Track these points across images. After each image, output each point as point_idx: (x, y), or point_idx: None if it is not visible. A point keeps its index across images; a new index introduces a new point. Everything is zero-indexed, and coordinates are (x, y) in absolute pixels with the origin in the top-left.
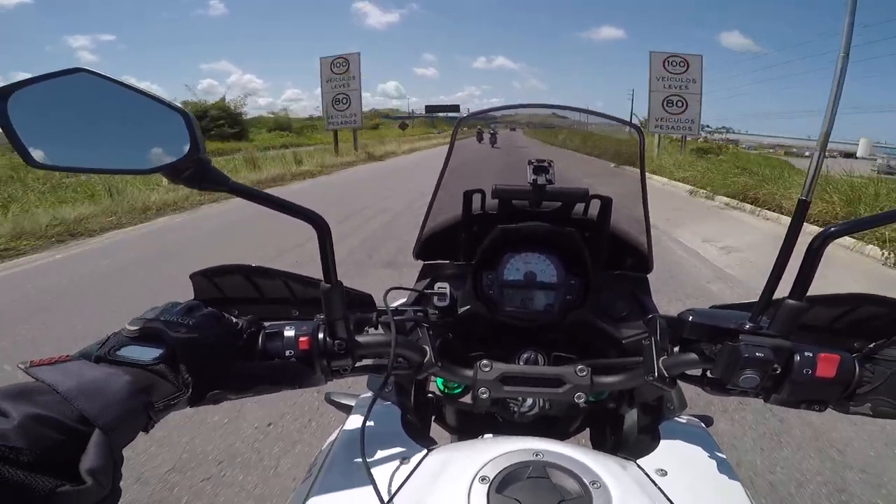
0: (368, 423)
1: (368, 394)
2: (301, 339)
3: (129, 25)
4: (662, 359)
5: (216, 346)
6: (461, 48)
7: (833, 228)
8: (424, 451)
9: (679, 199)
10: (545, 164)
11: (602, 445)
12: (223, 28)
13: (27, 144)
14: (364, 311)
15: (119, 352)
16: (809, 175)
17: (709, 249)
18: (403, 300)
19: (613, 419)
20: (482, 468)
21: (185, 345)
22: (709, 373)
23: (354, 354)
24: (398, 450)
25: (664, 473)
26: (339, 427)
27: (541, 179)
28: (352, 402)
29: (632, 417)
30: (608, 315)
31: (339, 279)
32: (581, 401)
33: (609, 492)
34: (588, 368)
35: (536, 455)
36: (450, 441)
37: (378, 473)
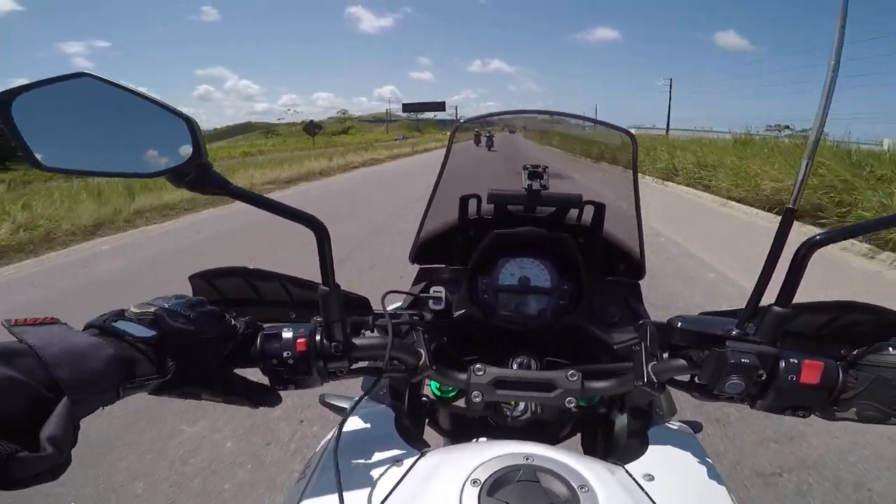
0: (363, 426)
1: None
2: (299, 341)
3: (124, 31)
4: (652, 364)
5: (209, 346)
6: (456, 51)
7: (818, 237)
8: (417, 454)
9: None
10: (539, 170)
11: (592, 450)
12: (218, 33)
13: (32, 147)
14: (361, 314)
15: (115, 323)
16: (797, 183)
17: None
18: (399, 304)
19: (604, 424)
20: (473, 471)
21: (179, 335)
22: (696, 379)
23: (351, 357)
24: (391, 452)
25: (651, 478)
26: (334, 429)
27: (535, 185)
28: (346, 405)
29: (622, 422)
30: (600, 320)
31: (337, 282)
32: (572, 405)
33: (596, 496)
34: (579, 373)
35: (527, 459)
36: (443, 444)
37: (371, 475)
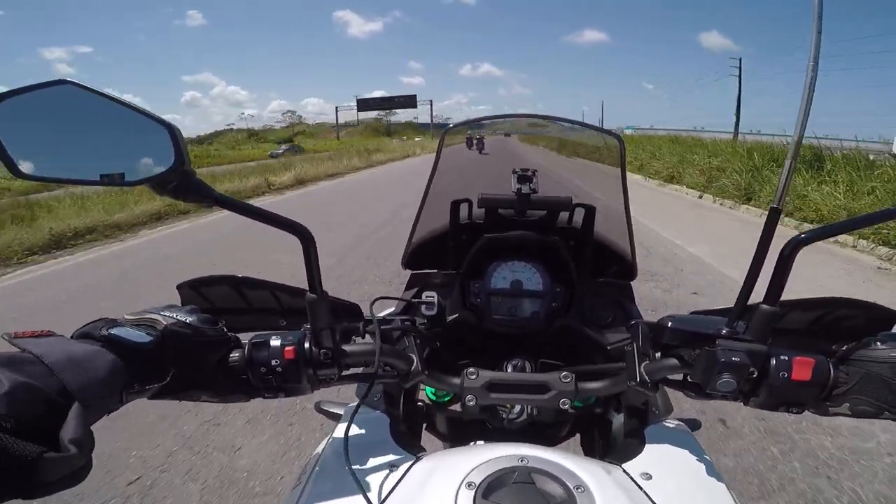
0: (359, 432)
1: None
2: (287, 349)
3: (107, 37)
4: (644, 364)
5: (207, 348)
6: (446, 56)
7: (804, 235)
8: (413, 459)
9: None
10: (529, 174)
11: (591, 450)
12: (204, 39)
13: (13, 155)
14: (351, 321)
15: (112, 331)
16: (781, 183)
17: None
18: (392, 310)
19: (601, 424)
20: (468, 474)
21: (178, 338)
22: (689, 377)
23: (340, 363)
24: (387, 458)
25: (649, 477)
26: (328, 436)
27: (525, 188)
28: (341, 411)
29: (619, 422)
30: (593, 322)
31: (325, 290)
32: (566, 406)
33: (593, 496)
34: (572, 375)
35: (522, 461)
36: (441, 448)
37: (367, 481)
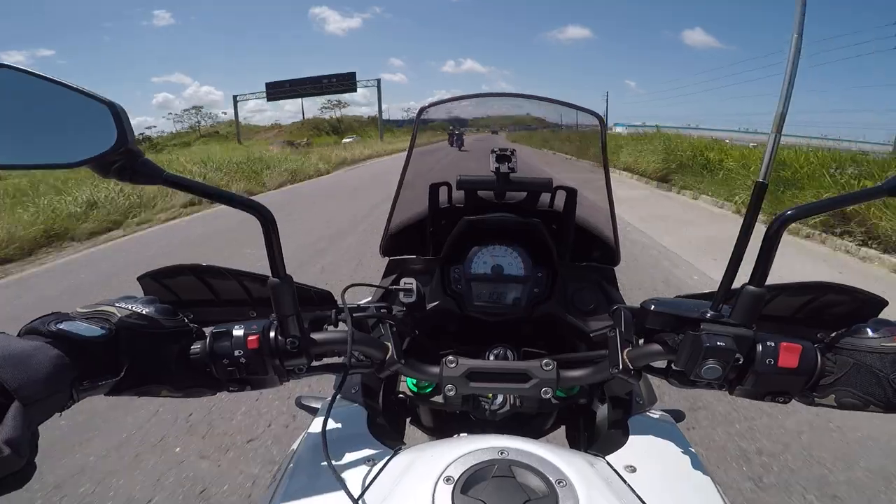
0: (335, 426)
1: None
2: (250, 338)
3: (70, 39)
4: (627, 350)
5: (163, 340)
6: (429, 53)
7: (790, 212)
8: (391, 453)
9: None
10: (507, 153)
11: (576, 442)
12: (174, 39)
13: None
14: (323, 309)
15: (60, 325)
16: (766, 157)
17: None
18: (369, 298)
19: (586, 415)
20: (447, 468)
21: (132, 330)
22: (673, 365)
23: (310, 352)
24: (364, 452)
25: (633, 470)
26: (303, 432)
27: (503, 168)
28: (319, 406)
29: (603, 413)
30: (576, 308)
31: (289, 273)
32: (548, 396)
33: (575, 490)
34: (554, 363)
35: (501, 453)
36: (427, 442)
37: (343, 477)
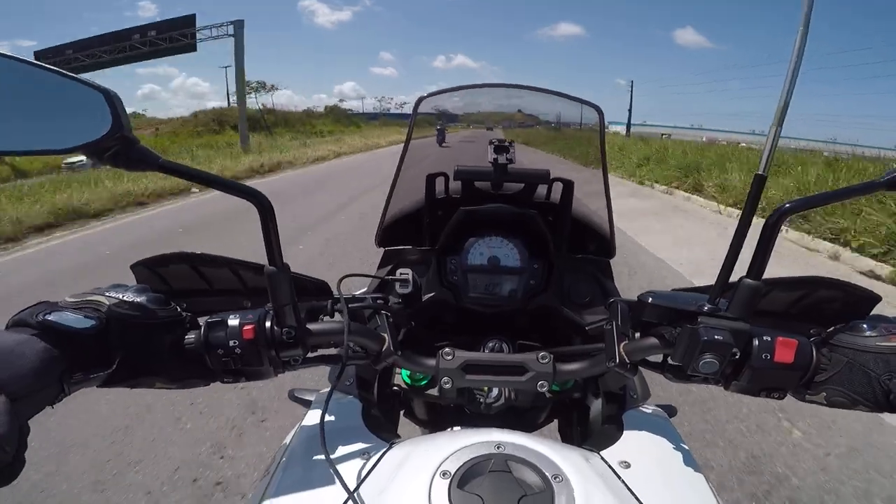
0: (329, 419)
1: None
2: (246, 328)
3: (53, 30)
4: (623, 344)
5: (156, 331)
6: (419, 47)
7: (788, 204)
8: (386, 446)
9: None
10: (506, 144)
11: (569, 436)
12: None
13: None
14: (319, 299)
15: (49, 316)
16: (766, 149)
17: None
18: (364, 289)
19: (580, 409)
20: (443, 462)
21: (123, 321)
22: (669, 359)
23: (306, 343)
24: (359, 445)
25: (627, 465)
26: (297, 424)
27: (501, 159)
28: (313, 398)
29: (597, 408)
30: (572, 300)
31: (286, 262)
32: (544, 389)
33: (571, 486)
34: (550, 356)
35: (498, 448)
36: (420, 435)
37: (337, 470)
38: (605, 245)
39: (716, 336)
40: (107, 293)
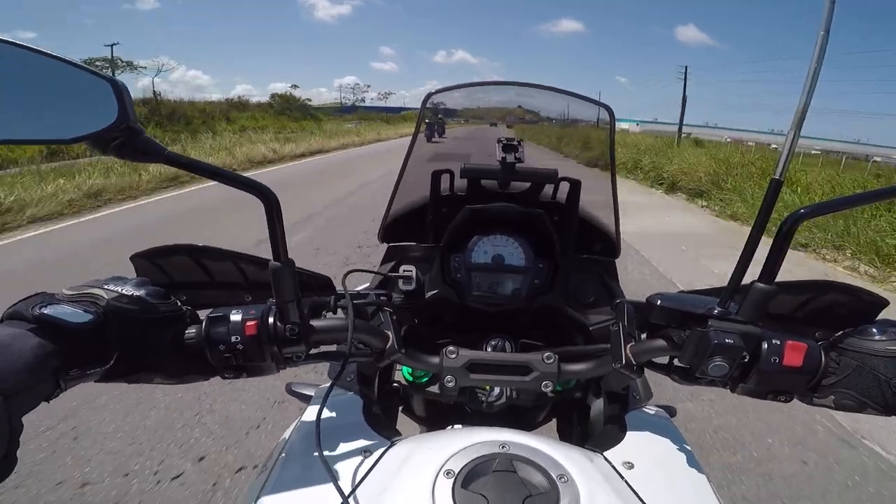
0: (329, 415)
1: (329, 383)
2: (248, 324)
3: (52, 22)
4: (630, 345)
5: (157, 325)
6: (420, 42)
7: (803, 210)
8: (387, 444)
9: None
10: (514, 143)
11: (568, 436)
12: (158, 23)
13: None
14: (322, 295)
15: (45, 309)
16: (784, 153)
17: None
18: (367, 285)
19: (580, 409)
20: (447, 461)
21: (122, 315)
22: (676, 361)
23: (309, 340)
24: (360, 442)
25: (631, 466)
26: (296, 420)
27: (510, 158)
28: (312, 393)
29: (598, 407)
30: (576, 300)
31: (291, 258)
32: (548, 389)
33: (576, 486)
34: (555, 356)
35: (503, 447)
36: (418, 432)
37: (337, 467)
38: (611, 245)
39: (726, 339)
40: (105, 286)
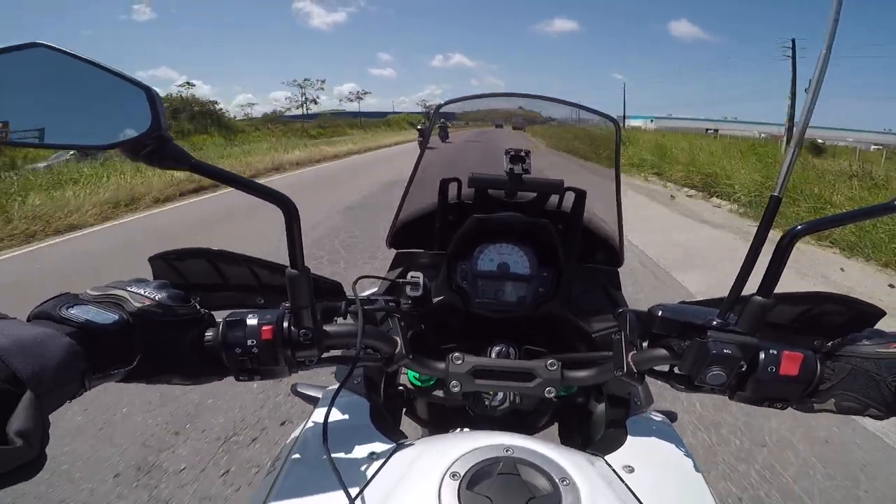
0: (336, 417)
1: (335, 386)
2: (264, 328)
3: (46, 35)
4: (632, 354)
5: (177, 328)
6: (417, 47)
7: (800, 227)
8: (393, 446)
9: None
10: (522, 154)
11: (570, 440)
12: (156, 33)
13: None
14: (332, 300)
15: (71, 310)
16: (783, 171)
17: None
18: (375, 290)
19: (581, 414)
20: (453, 464)
21: (146, 317)
22: (676, 369)
23: (321, 345)
24: (366, 444)
25: (631, 470)
26: (304, 420)
27: (517, 169)
28: (319, 395)
29: (600, 412)
30: (579, 308)
31: (307, 265)
32: (551, 395)
33: (578, 490)
34: (558, 363)
35: (507, 451)
36: (421, 435)
37: (344, 469)
38: (614, 254)
39: (724, 350)
40: (128, 288)
